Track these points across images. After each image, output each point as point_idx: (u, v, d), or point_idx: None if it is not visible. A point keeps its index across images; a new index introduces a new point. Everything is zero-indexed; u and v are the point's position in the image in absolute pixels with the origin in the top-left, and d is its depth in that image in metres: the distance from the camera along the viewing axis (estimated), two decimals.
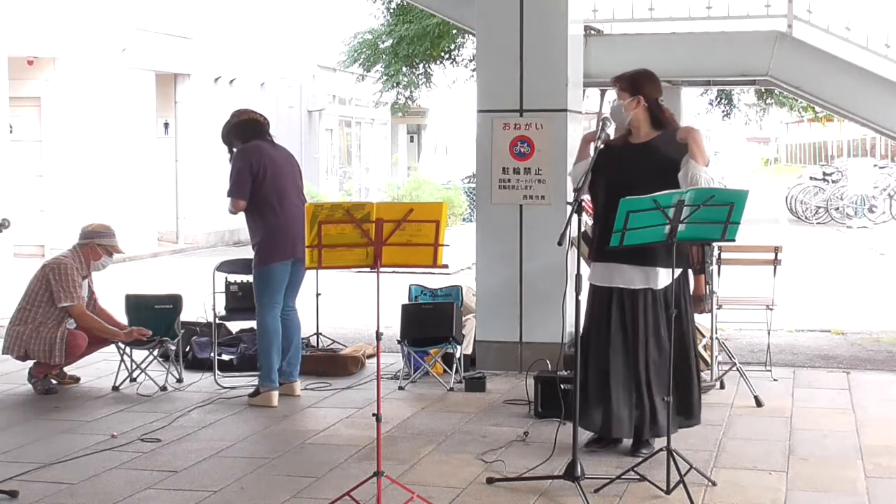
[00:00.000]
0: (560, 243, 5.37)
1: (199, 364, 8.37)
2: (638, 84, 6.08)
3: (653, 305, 5.96)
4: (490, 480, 5.61)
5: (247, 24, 23.11)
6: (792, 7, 9.50)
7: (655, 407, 5.94)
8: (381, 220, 5.06)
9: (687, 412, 6.07)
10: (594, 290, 6.10)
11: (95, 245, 7.79)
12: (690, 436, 6.33)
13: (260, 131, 7.50)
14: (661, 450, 5.54)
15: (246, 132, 7.48)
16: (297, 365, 7.67)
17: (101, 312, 8.01)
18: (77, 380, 8.06)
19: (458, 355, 7.98)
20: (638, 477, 5.46)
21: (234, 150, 7.48)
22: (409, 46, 22.14)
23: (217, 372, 8.02)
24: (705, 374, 7.75)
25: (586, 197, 6.04)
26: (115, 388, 7.84)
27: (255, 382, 7.48)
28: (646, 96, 6.04)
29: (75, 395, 7.56)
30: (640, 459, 5.70)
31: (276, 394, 7.39)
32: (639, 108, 6.03)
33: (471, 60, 21.81)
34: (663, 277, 5.92)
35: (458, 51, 23.04)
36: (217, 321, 8.16)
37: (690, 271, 6.25)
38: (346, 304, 11.97)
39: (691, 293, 6.02)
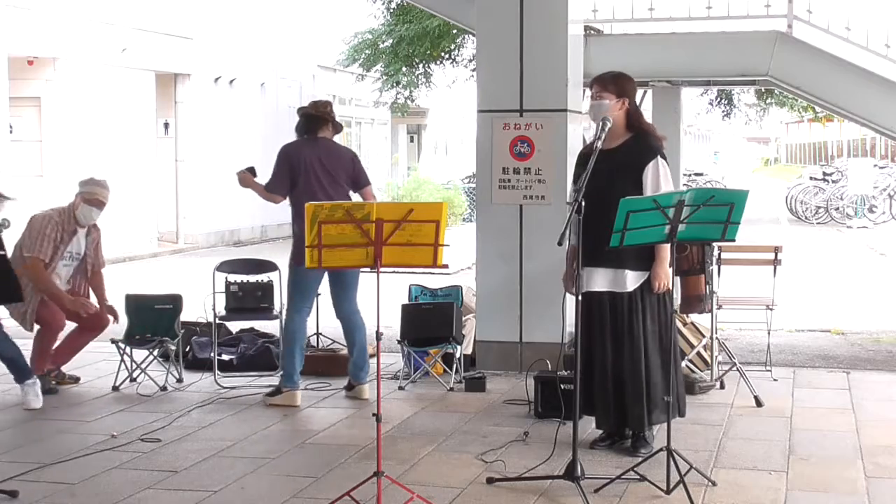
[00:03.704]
0: (560, 243, 5.37)
1: (199, 364, 8.37)
2: (623, 86, 6.08)
3: (615, 308, 5.98)
4: (490, 480, 5.60)
5: (247, 24, 23.11)
6: (792, 7, 9.50)
7: (625, 405, 5.99)
8: (381, 220, 5.06)
9: (649, 408, 6.01)
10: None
11: (77, 195, 7.72)
12: (690, 436, 6.35)
13: (308, 127, 7.44)
14: (661, 450, 5.53)
15: (298, 127, 7.50)
16: (363, 367, 7.46)
17: (97, 282, 7.97)
18: (77, 380, 8.06)
19: (458, 355, 7.98)
20: (638, 477, 5.46)
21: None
22: (409, 46, 22.13)
23: (217, 372, 8.02)
24: (705, 374, 7.77)
25: None
26: (115, 388, 7.84)
27: (257, 383, 7.46)
28: (630, 99, 6.06)
29: (75, 395, 7.56)
30: (640, 459, 5.70)
31: (298, 393, 7.34)
32: (622, 110, 6.04)
33: (471, 60, 21.80)
34: (631, 280, 5.93)
35: (458, 51, 23.03)
36: (217, 321, 8.16)
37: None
38: None
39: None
